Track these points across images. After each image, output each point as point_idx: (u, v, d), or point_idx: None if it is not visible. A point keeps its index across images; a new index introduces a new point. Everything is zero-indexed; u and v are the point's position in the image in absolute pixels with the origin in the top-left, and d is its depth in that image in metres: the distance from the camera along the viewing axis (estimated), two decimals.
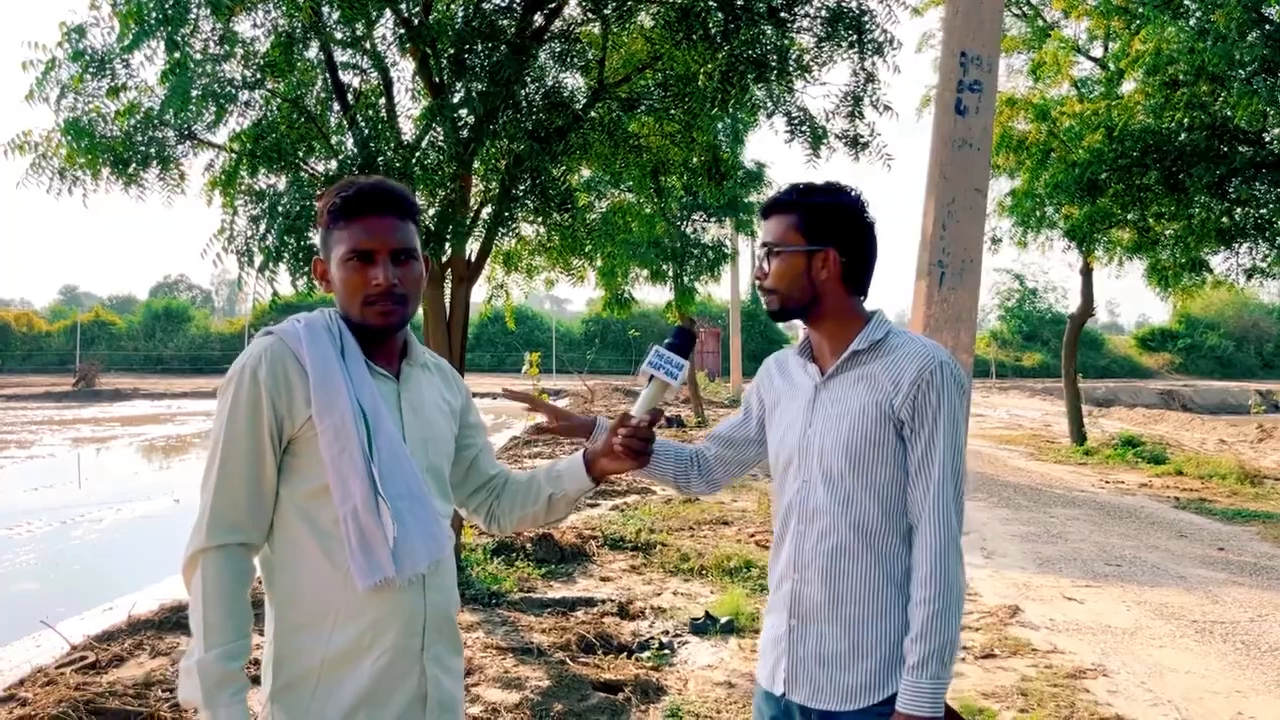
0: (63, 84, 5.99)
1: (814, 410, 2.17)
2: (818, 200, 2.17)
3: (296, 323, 1.90)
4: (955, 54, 4.18)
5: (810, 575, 2.12)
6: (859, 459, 2.07)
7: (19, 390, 32.50)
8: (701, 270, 19.32)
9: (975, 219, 4.23)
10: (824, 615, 2.10)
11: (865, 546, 2.08)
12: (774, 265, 2.17)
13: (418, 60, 6.44)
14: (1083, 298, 17.42)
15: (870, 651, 2.06)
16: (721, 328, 39.29)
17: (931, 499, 2.03)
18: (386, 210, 1.90)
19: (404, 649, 1.86)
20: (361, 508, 1.78)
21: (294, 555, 1.84)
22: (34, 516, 11.18)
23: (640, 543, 8.43)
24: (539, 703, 4.73)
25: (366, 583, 1.78)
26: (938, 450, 2.04)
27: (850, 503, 2.08)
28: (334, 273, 1.91)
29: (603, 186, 11.96)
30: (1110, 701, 5.12)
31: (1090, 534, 9.78)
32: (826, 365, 2.19)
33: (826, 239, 2.14)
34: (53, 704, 4.45)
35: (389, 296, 1.87)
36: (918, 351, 2.09)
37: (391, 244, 1.89)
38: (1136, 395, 33.79)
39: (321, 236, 1.95)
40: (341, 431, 1.79)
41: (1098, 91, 14.45)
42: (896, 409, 2.05)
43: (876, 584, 2.07)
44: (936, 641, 1.97)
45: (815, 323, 2.20)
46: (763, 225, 2.23)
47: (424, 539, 1.85)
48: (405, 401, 1.96)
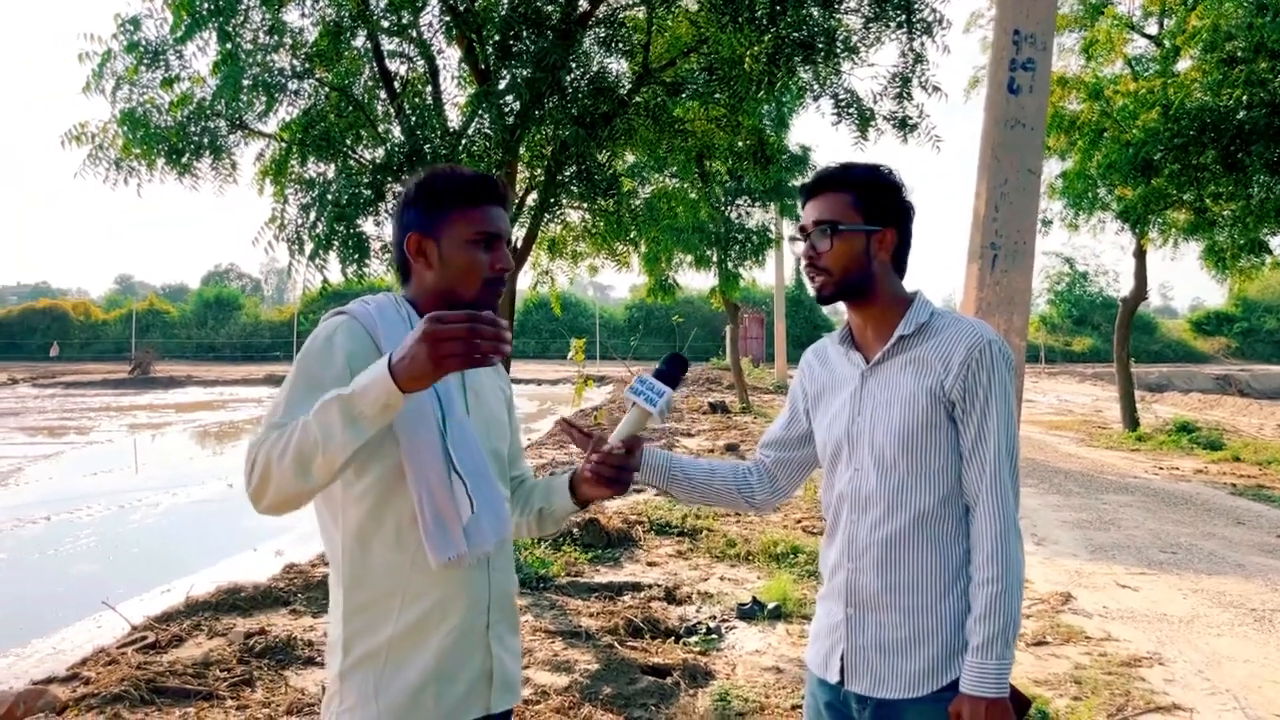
0: (118, 76, 6.10)
1: (861, 398, 2.14)
2: (876, 179, 2.12)
3: (366, 304, 1.93)
4: (1008, 32, 4.10)
5: (865, 564, 2.10)
6: (912, 445, 2.05)
7: (78, 377, 33.31)
8: (746, 255, 19.21)
9: (1028, 200, 4.16)
10: (882, 603, 2.09)
11: (922, 532, 2.06)
12: (833, 245, 2.10)
13: (464, 48, 6.47)
14: (1136, 281, 17.06)
15: (931, 637, 2.04)
16: (765, 313, 39.10)
17: (989, 479, 2.01)
18: (502, 200, 2.00)
19: (470, 627, 1.89)
20: (437, 485, 1.80)
21: (362, 536, 1.86)
22: (93, 501, 11.46)
23: (686, 528, 8.43)
24: (588, 685, 4.76)
25: (440, 558, 1.81)
26: (991, 429, 2.01)
27: (904, 489, 2.06)
28: (446, 252, 1.93)
29: (646, 172, 11.94)
30: (1166, 690, 5.03)
31: (1144, 521, 9.61)
32: (871, 351, 2.16)
33: (886, 219, 2.11)
34: (115, 682, 4.56)
35: (503, 279, 1.97)
36: (965, 331, 2.06)
37: (504, 230, 1.99)
38: (1191, 380, 33.10)
39: (425, 213, 1.94)
40: (420, 411, 1.81)
41: (1152, 70, 14.11)
42: (947, 390, 2.03)
43: (934, 569, 2.05)
44: (1000, 621, 1.95)
45: (865, 306, 2.16)
46: (811, 203, 2.15)
47: (491, 518, 1.88)
48: (469, 385, 1.99)
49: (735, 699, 4.65)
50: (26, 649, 6.13)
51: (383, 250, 6.72)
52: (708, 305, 36.72)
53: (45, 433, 18.93)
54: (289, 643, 5.27)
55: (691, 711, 4.47)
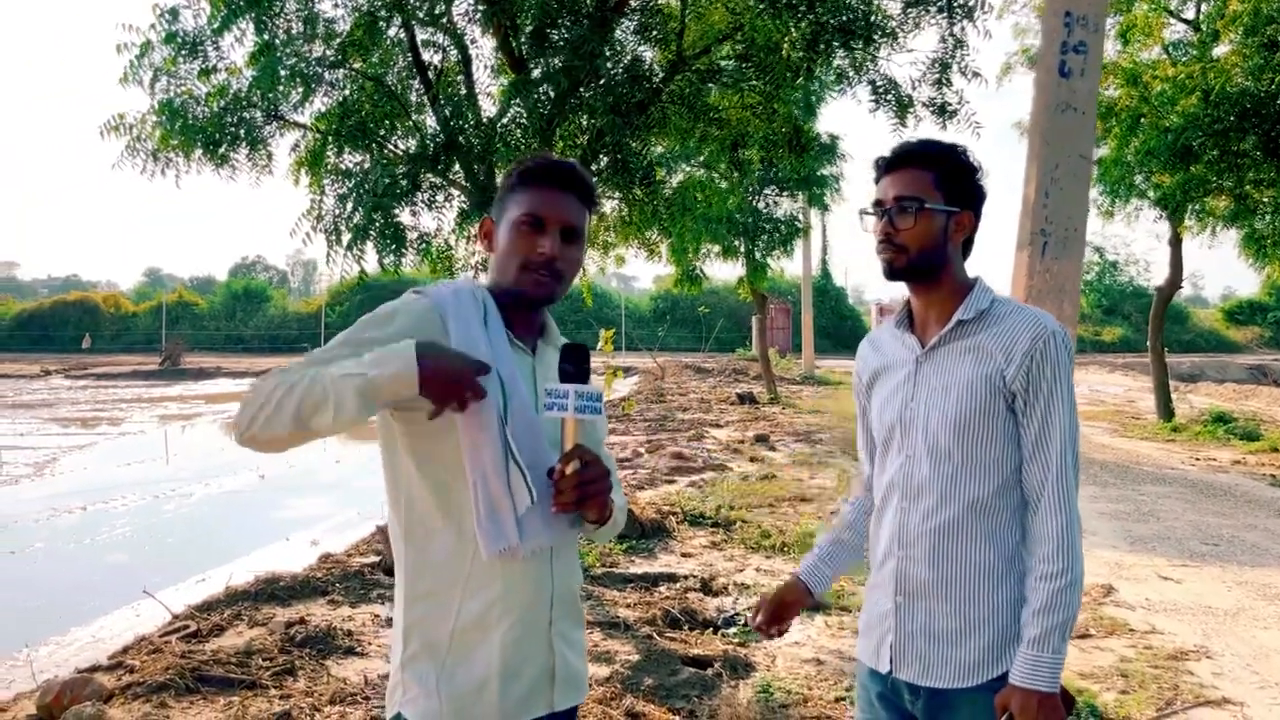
0: (156, 67, 6.11)
1: (915, 383, 2.10)
2: (960, 160, 2.08)
3: (445, 287, 1.90)
4: (1060, 14, 4.01)
5: (916, 553, 2.06)
6: (968, 434, 2.01)
7: (109, 369, 33.67)
8: (774, 245, 19.07)
9: (1080, 186, 4.07)
10: (932, 592, 2.05)
11: (975, 522, 2.02)
12: (916, 223, 2.05)
13: (498, 36, 6.44)
14: (1171, 269, 16.79)
15: (982, 628, 2.01)
16: (792, 303, 38.91)
17: (1054, 474, 1.97)
18: (569, 187, 1.91)
19: (533, 622, 1.85)
20: (492, 472, 1.75)
21: (423, 523, 1.83)
22: (127, 491, 11.57)
23: (720, 519, 8.40)
24: (629, 676, 4.74)
25: (491, 550, 1.76)
26: (1055, 423, 1.97)
27: (958, 479, 2.02)
28: (500, 235, 1.91)
29: (674, 161, 11.86)
30: (1215, 684, 4.95)
31: (1184, 512, 9.48)
32: (928, 335, 2.11)
33: (965, 201, 2.08)
34: (160, 671, 4.59)
35: (548, 267, 1.87)
36: (1028, 320, 2.01)
37: (564, 218, 1.89)
38: (1224, 370, 32.65)
39: (500, 197, 1.96)
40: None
41: (1190, 55, 13.88)
42: (1008, 381, 1.98)
43: (987, 559, 2.02)
44: (1061, 615, 1.92)
45: (931, 288, 2.10)
46: (891, 177, 2.09)
47: (548, 514, 1.81)
48: (539, 377, 1.94)
49: (778, 691, 4.62)
50: (66, 637, 6.19)
51: (418, 240, 6.70)
52: (734, 295, 36.65)
53: (78, 424, 19.14)
54: (329, 632, 5.28)
55: (734, 703, 4.43)
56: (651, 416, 17.80)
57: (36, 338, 45.25)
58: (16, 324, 46.65)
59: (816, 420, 17.28)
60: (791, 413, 18.60)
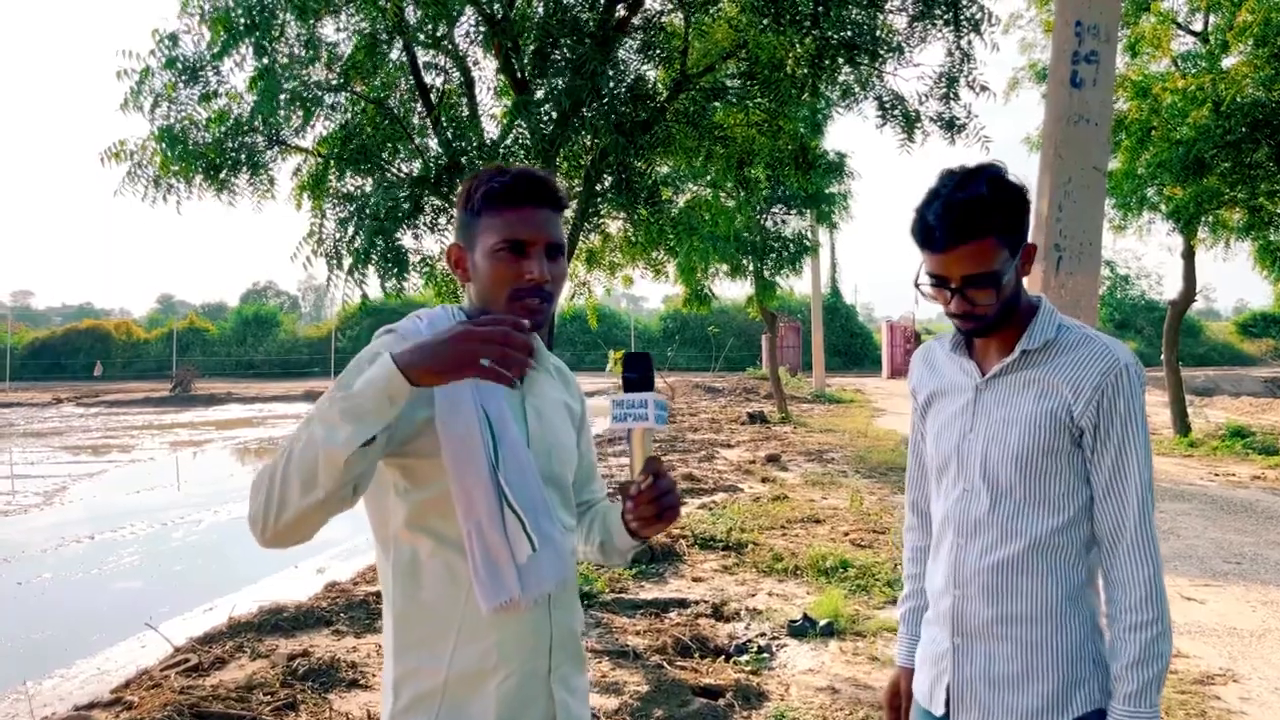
0: (156, 92, 6.08)
1: (975, 413, 1.98)
2: (1010, 201, 1.87)
3: (418, 320, 1.79)
4: (1070, 24, 3.93)
5: (973, 591, 1.96)
6: (1031, 470, 1.90)
7: (120, 396, 33.72)
8: (782, 264, 19.00)
9: (1094, 199, 3.98)
10: (992, 633, 1.94)
11: (1039, 560, 1.91)
12: (994, 295, 1.88)
13: (500, 57, 6.39)
14: (1184, 282, 16.60)
15: (1046, 673, 1.90)
16: (802, 321, 38.80)
17: (1133, 515, 1.86)
18: (543, 201, 1.77)
19: (531, 672, 1.73)
20: (487, 523, 1.64)
21: (413, 567, 1.71)
22: (136, 518, 11.49)
23: (731, 542, 8.27)
24: (639, 708, 4.62)
25: (490, 604, 1.65)
26: (1131, 461, 1.86)
27: (1020, 515, 1.92)
28: (478, 263, 1.78)
29: (680, 181, 11.81)
30: (1244, 710, 4.80)
31: (1204, 530, 9.30)
32: (988, 361, 2.00)
33: (1022, 234, 1.90)
34: (158, 707, 4.49)
35: (538, 292, 1.75)
36: (1098, 353, 1.89)
37: (546, 237, 1.76)
38: (1239, 383, 32.35)
39: (463, 222, 1.82)
40: (466, 439, 1.65)
41: (1200, 66, 13.79)
42: (1076, 418, 1.87)
43: (1052, 600, 1.91)
44: (1156, 668, 1.83)
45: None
46: (948, 256, 1.86)
47: (551, 557, 1.71)
48: (530, 406, 1.82)
49: None
50: (71, 670, 6.09)
51: (421, 264, 6.64)
52: (743, 314, 36.54)
53: (89, 451, 19.11)
54: (333, 664, 5.18)
55: None
56: (661, 437, 17.69)
57: (49, 366, 45.46)
58: (30, 353, 46.84)
59: (828, 439, 17.13)
60: (803, 432, 18.46)
